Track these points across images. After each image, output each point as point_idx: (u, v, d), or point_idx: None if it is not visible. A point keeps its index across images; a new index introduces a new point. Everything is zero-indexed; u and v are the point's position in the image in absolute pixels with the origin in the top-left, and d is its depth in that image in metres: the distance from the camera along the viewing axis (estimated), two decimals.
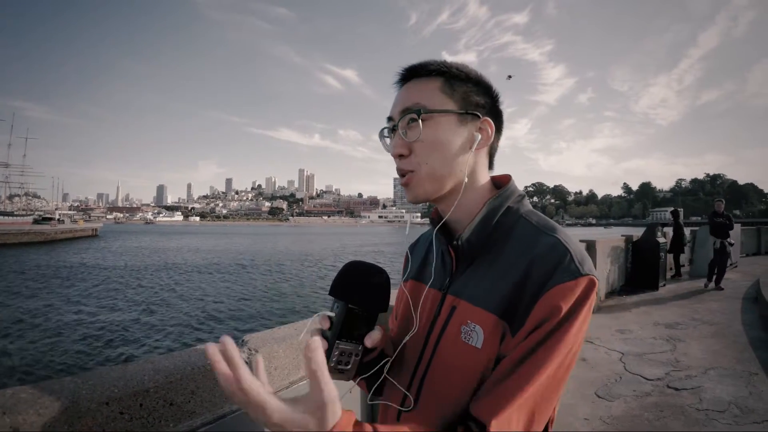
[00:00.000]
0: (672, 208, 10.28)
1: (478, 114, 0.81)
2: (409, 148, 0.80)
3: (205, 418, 1.13)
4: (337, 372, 0.76)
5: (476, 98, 0.82)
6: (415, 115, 0.78)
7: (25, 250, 35.92)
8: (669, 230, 9.63)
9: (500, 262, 0.78)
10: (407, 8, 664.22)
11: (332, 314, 0.75)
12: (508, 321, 0.71)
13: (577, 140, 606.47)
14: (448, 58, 0.88)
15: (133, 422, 0.96)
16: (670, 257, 9.26)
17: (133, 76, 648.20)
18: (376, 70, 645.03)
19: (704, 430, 2.81)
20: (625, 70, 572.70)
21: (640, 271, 8.15)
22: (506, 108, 0.88)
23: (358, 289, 0.76)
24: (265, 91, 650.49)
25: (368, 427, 0.61)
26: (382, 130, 0.87)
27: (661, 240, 8.28)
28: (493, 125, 0.83)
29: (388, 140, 0.87)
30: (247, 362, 1.32)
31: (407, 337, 0.85)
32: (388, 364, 0.85)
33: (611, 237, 8.09)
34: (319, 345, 0.55)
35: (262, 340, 1.46)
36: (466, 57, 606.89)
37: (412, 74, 0.84)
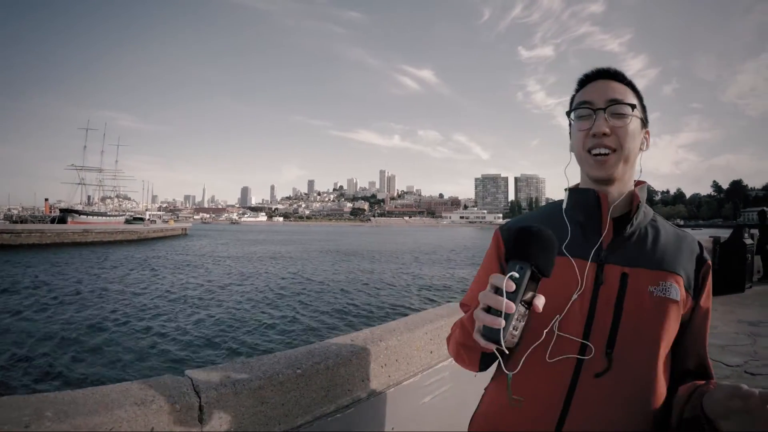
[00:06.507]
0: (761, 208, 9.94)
1: (646, 125, 0.98)
2: (612, 131, 0.89)
3: (358, 395, 1.45)
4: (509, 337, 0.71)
5: (645, 112, 0.98)
6: (629, 107, 0.90)
7: (126, 247, 38.13)
8: (757, 231, 9.30)
9: (660, 241, 0.93)
10: (479, 4, 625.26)
11: (517, 275, 0.71)
12: (687, 286, 0.90)
13: (662, 135, 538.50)
14: (525, 53, 1.07)
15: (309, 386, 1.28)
16: (758, 259, 8.95)
17: (218, 86, 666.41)
18: (452, 69, 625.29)
19: None
20: (710, 57, 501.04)
21: (727, 273, 8.03)
22: None
23: (540, 250, 0.73)
24: (343, 94, 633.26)
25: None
26: (573, 109, 0.97)
27: (748, 242, 8.16)
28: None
29: (573, 118, 0.97)
30: None
31: (575, 296, 0.88)
32: (557, 322, 0.88)
33: (699, 239, 7.99)
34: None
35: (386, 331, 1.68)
36: (542, 51, 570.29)
37: (607, 75, 0.95)
